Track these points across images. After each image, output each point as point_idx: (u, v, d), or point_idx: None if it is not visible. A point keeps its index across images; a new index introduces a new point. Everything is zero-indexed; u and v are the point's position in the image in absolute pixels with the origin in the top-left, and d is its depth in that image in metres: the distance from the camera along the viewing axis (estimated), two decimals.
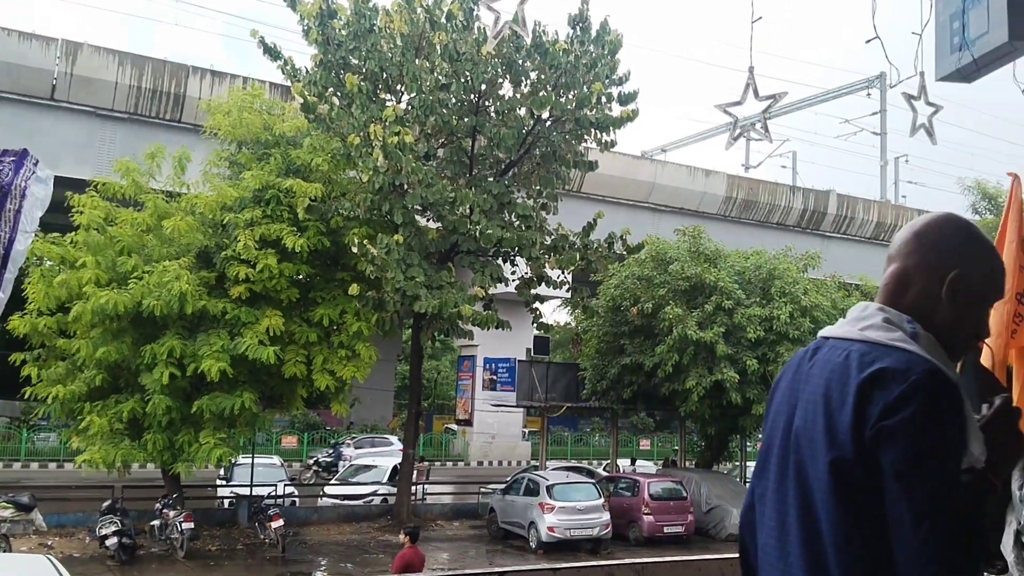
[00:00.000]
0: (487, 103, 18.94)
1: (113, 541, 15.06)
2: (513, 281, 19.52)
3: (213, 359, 15.83)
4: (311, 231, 17.29)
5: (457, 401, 33.13)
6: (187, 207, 17.24)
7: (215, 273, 17.23)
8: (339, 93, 18.46)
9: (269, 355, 16.05)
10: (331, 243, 17.93)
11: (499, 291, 19.74)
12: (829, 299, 21.54)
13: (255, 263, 16.53)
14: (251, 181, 17.15)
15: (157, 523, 16.49)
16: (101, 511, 15.90)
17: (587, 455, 41.79)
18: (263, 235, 16.67)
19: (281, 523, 16.75)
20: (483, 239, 18.12)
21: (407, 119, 17.86)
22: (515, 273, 19.57)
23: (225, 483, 21.17)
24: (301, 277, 17.87)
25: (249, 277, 16.60)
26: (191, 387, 16.69)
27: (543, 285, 19.93)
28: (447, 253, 19.23)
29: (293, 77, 18.90)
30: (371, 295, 17.49)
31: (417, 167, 17.33)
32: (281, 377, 17.29)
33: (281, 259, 16.87)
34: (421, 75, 17.71)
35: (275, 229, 16.74)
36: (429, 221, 19.31)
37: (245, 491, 19.64)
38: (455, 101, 18.58)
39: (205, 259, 17.51)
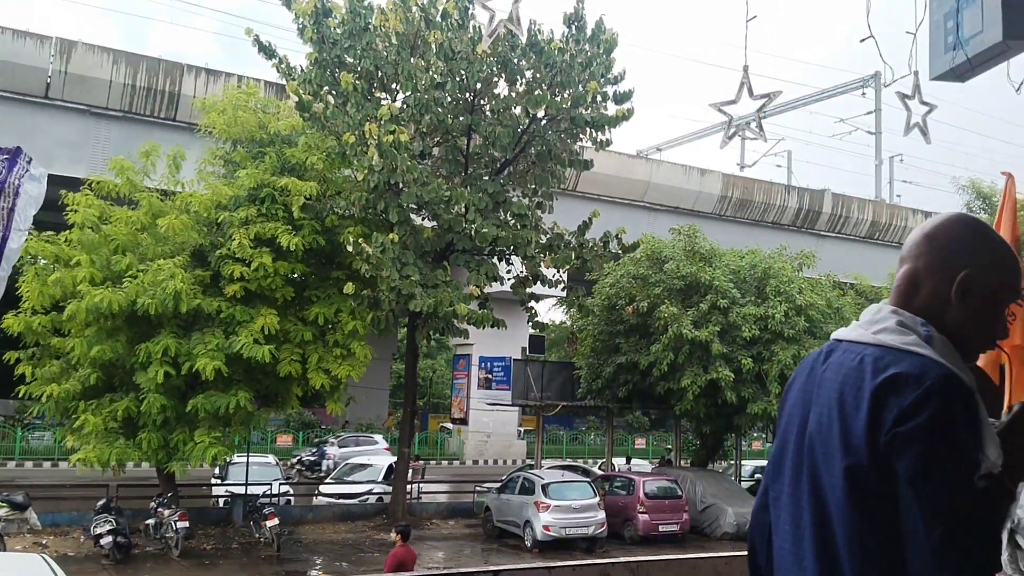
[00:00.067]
0: (482, 102, 18.92)
1: (108, 540, 15.05)
2: (508, 280, 19.51)
3: (208, 358, 15.82)
4: (306, 230, 17.29)
5: (452, 400, 33.09)
6: (182, 205, 17.22)
7: (210, 272, 17.20)
8: (334, 92, 18.43)
9: (264, 354, 16.04)
10: (326, 242, 17.92)
11: (494, 290, 19.74)
12: (824, 298, 21.60)
13: (250, 262, 16.52)
14: (246, 180, 17.14)
15: (152, 522, 16.47)
16: (96, 510, 15.90)
17: (582, 454, 41.82)
18: (258, 234, 16.66)
19: (276, 522, 16.74)
20: (478, 238, 18.13)
21: (402, 118, 17.85)
22: (510, 272, 19.55)
23: (220, 482, 21.15)
24: (296, 276, 17.85)
25: (244, 276, 16.59)
26: (186, 386, 16.67)
27: (538, 284, 19.91)
28: (442, 252, 19.22)
29: (288, 75, 18.86)
30: (366, 294, 17.49)
31: (412, 166, 17.32)
32: (276, 376, 17.27)
33: (276, 258, 16.87)
34: (416, 74, 17.70)
35: (270, 228, 16.73)
36: (424, 220, 19.30)
37: (240, 490, 19.62)
38: (450, 100, 18.55)
39: (200, 258, 17.50)
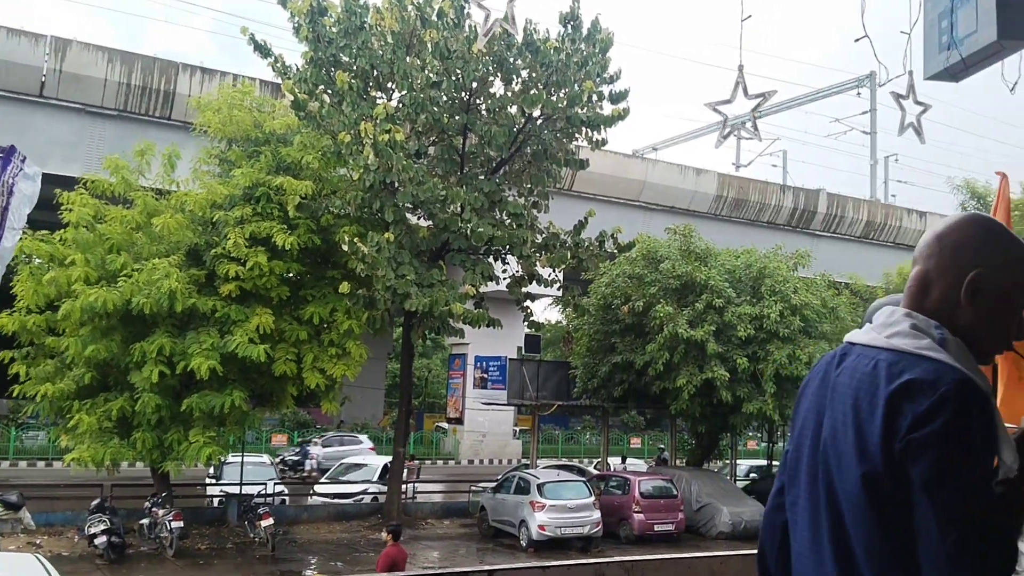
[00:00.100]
0: (478, 101, 18.91)
1: (102, 540, 15.01)
2: (504, 279, 19.50)
3: (203, 357, 15.79)
4: (301, 229, 17.27)
5: (448, 399, 33.04)
6: (177, 204, 17.17)
7: (205, 271, 17.17)
8: (330, 91, 18.42)
9: (259, 353, 16.01)
10: (322, 241, 17.91)
11: (490, 289, 19.74)
12: (819, 297, 21.62)
13: (245, 261, 16.50)
14: (241, 179, 17.11)
15: (146, 522, 16.44)
16: (90, 510, 15.83)
17: (578, 453, 41.86)
18: (253, 233, 16.64)
19: (271, 522, 16.73)
20: (474, 237, 18.12)
21: (398, 117, 17.84)
22: (506, 271, 19.55)
23: (215, 482, 21.12)
24: (291, 275, 17.82)
25: (239, 275, 16.57)
26: (181, 385, 16.63)
27: (534, 283, 19.89)
28: (438, 251, 19.20)
29: (283, 74, 18.84)
30: (362, 293, 17.48)
31: (408, 165, 17.30)
32: (271, 375, 17.24)
33: (271, 257, 16.84)
34: (412, 73, 17.68)
35: (265, 227, 16.71)
36: (420, 219, 19.29)
37: (235, 489, 19.59)
38: (446, 99, 18.54)
39: (195, 257, 17.47)
